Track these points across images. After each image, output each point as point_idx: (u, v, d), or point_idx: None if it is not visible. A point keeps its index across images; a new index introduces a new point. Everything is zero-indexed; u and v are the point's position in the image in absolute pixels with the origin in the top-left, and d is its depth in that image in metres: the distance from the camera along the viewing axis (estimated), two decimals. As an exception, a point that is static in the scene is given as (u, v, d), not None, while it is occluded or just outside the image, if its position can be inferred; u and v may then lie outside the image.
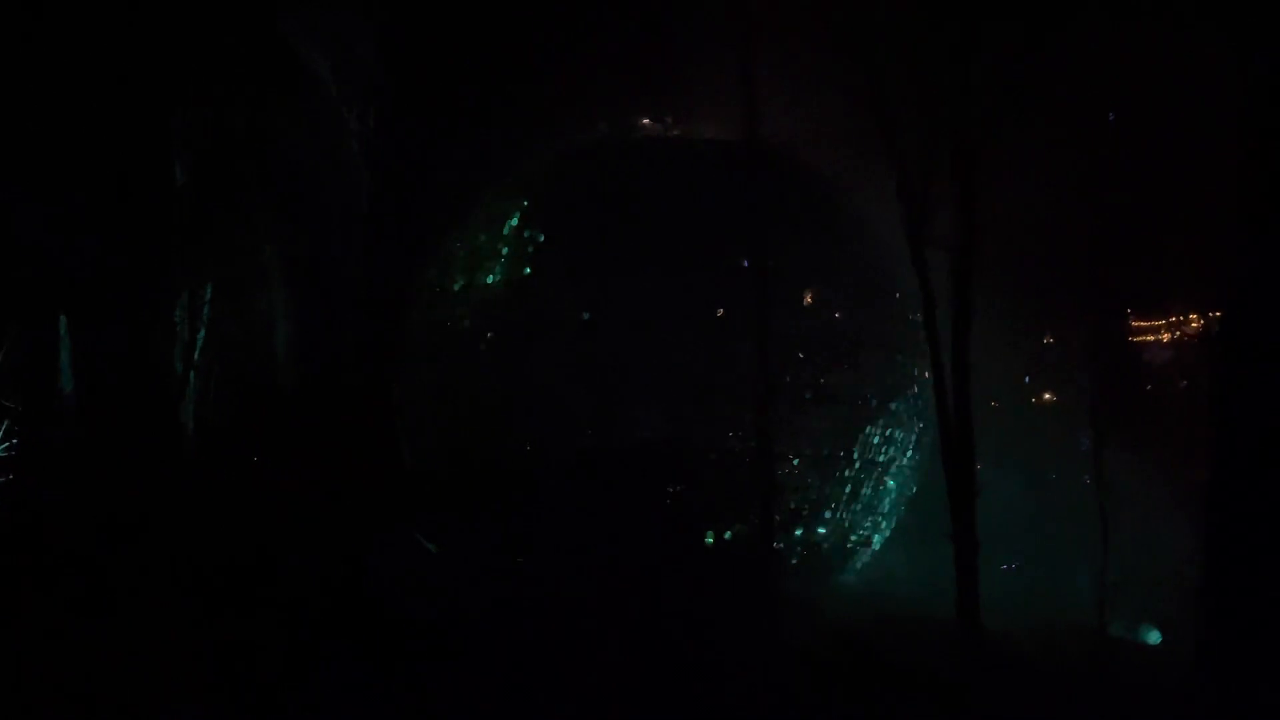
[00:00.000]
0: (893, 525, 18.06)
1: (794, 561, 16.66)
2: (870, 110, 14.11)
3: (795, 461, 16.62)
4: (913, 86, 13.84)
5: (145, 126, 16.94)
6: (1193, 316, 22.47)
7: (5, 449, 15.87)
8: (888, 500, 17.71)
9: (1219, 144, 15.67)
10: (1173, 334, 22.70)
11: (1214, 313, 22.07)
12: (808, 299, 16.97)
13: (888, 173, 14.16)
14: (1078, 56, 15.13)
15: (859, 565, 17.92)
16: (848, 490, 17.13)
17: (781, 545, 15.89)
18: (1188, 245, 17.78)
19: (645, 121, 18.56)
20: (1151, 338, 22.73)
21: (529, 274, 17.23)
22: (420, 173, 18.49)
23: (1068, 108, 16.10)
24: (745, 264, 16.17)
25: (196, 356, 17.61)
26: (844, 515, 17.22)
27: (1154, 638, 16.97)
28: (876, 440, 17.17)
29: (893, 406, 17.38)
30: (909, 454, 17.67)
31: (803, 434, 16.58)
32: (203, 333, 17.81)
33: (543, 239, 17.21)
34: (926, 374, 15.95)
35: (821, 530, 17.09)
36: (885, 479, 17.49)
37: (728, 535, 16.42)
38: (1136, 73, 15.99)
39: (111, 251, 16.65)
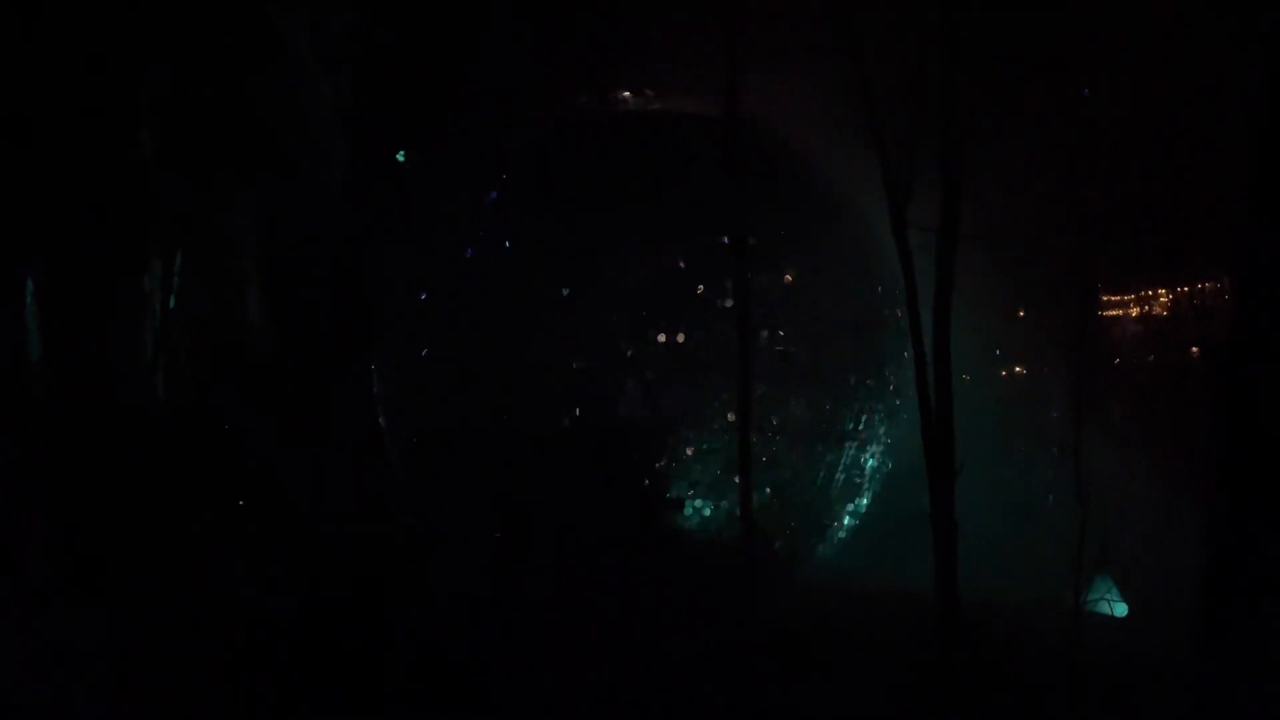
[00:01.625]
0: (868, 502, 18.22)
1: (773, 540, 16.76)
2: (854, 90, 14.07)
3: (774, 438, 16.67)
4: (897, 68, 13.81)
5: (112, 91, 16.60)
6: (1160, 291, 22.76)
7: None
8: (865, 477, 17.86)
9: (1203, 121, 15.91)
10: (1141, 309, 22.99)
11: (1182, 288, 22.42)
12: (788, 277, 16.99)
13: (871, 151, 14.13)
14: (1065, 38, 15.16)
15: (836, 542, 18.07)
16: (825, 466, 17.24)
17: (759, 522, 15.91)
18: (1163, 220, 18.01)
19: (625, 95, 18.39)
20: (1120, 312, 23.00)
21: (507, 248, 17.10)
22: (396, 143, 18.26)
23: (1054, 86, 16.14)
24: (725, 240, 16.12)
25: (167, 325, 17.35)
26: (821, 491, 17.35)
27: (1120, 610, 17.22)
28: (855, 418, 17.29)
29: (870, 384, 17.51)
30: (885, 430, 17.82)
31: (782, 411, 16.68)
32: (173, 301, 17.54)
33: (521, 213, 17.05)
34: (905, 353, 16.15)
35: (798, 506, 17.22)
36: (862, 456, 17.63)
37: (707, 512, 16.51)
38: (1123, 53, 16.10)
39: (79, 218, 16.33)
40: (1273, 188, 9.82)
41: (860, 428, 17.46)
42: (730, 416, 16.03)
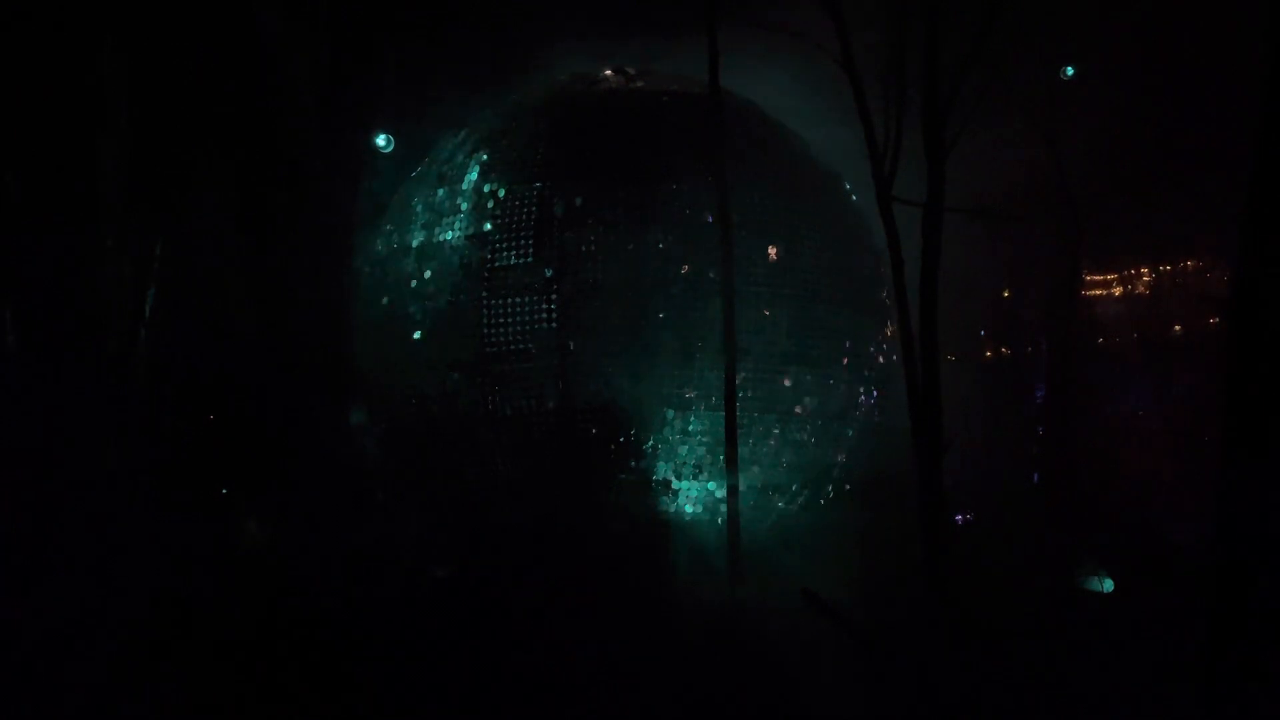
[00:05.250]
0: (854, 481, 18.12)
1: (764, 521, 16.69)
2: (838, 62, 14.03)
3: (759, 416, 16.57)
4: (882, 38, 13.76)
5: (82, 70, 16.38)
6: (1143, 270, 22.89)
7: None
8: (849, 455, 17.80)
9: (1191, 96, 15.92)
10: (1124, 288, 23.12)
11: (1164, 265, 22.54)
12: (772, 255, 16.87)
13: (856, 126, 14.10)
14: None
15: (825, 519, 17.95)
16: (809, 443, 17.16)
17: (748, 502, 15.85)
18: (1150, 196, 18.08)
19: (607, 73, 18.25)
20: (1103, 292, 23.13)
21: (489, 230, 16.93)
22: (375, 123, 18.09)
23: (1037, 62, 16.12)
24: (710, 219, 16.02)
25: (147, 313, 17.16)
26: (805, 469, 17.27)
27: (1108, 585, 17.24)
28: (840, 395, 17.24)
29: (854, 360, 17.45)
30: (875, 409, 17.78)
31: (769, 391, 16.58)
32: (153, 291, 17.34)
33: (503, 194, 16.91)
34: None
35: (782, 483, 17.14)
36: (848, 432, 17.58)
37: (694, 493, 16.42)
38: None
39: (54, 204, 16.13)
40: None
41: (847, 404, 17.39)
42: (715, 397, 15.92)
